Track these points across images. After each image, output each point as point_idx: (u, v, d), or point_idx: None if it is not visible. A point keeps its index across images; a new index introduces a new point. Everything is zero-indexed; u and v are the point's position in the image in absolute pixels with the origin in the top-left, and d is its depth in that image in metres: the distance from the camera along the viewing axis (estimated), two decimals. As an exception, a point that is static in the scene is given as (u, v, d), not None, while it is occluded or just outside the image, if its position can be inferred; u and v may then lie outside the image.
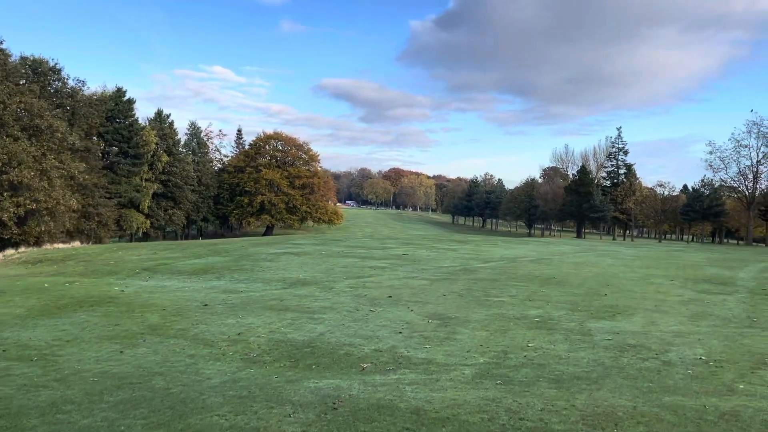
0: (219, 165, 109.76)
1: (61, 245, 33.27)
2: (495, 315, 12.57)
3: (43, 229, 37.59)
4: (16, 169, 35.43)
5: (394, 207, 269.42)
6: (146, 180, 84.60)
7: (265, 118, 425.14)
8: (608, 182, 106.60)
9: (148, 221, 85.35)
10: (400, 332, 10.72)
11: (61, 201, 38.54)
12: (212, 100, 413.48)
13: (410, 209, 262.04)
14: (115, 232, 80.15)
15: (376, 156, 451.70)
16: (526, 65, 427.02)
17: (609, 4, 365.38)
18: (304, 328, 10.90)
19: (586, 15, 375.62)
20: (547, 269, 22.22)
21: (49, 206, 37.68)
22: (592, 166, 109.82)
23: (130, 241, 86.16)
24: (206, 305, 13.00)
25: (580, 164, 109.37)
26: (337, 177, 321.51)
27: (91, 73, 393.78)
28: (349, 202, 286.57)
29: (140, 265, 21.11)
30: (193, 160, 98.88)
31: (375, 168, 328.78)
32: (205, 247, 29.20)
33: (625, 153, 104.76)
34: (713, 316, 13.00)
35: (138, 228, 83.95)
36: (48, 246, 32.49)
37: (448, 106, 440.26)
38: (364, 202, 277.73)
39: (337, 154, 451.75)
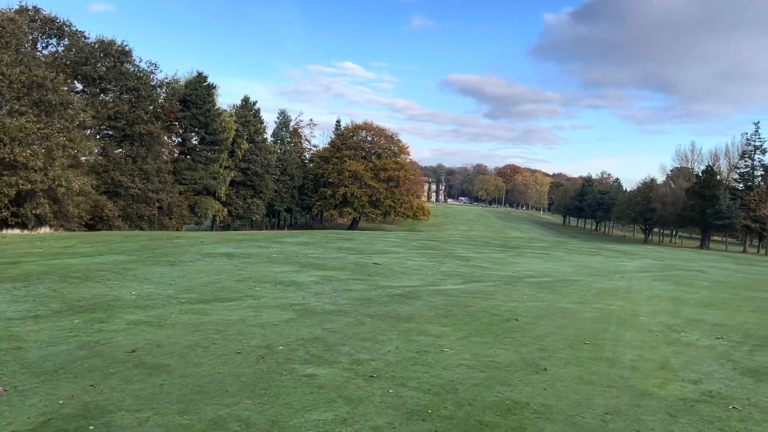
0: (308, 155, 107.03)
1: (46, 230, 30.01)
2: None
3: (39, 212, 34.80)
4: (7, 147, 32.70)
5: (507, 205, 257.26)
6: (225, 167, 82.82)
7: (390, 113, 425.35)
8: (741, 185, 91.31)
9: (226, 209, 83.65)
10: None
11: (63, 183, 35.56)
12: (341, 96, 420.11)
13: (524, 207, 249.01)
14: (189, 219, 79.05)
15: (498, 153, 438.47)
16: (668, 59, 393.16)
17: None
18: None
19: (740, 4, 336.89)
20: (537, 301, 14.73)
21: (46, 187, 34.84)
22: (723, 167, 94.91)
23: (211, 229, 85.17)
24: None
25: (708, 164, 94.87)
26: (451, 172, 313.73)
27: (229, 69, 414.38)
28: (462, 198, 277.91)
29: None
30: (280, 149, 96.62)
31: (494, 165, 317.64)
32: (149, 240, 24.30)
33: (763, 152, 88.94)
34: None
35: (215, 216, 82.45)
36: (17, 230, 29.27)
37: (579, 102, 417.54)
38: (476, 199, 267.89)
39: (458, 150, 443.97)
